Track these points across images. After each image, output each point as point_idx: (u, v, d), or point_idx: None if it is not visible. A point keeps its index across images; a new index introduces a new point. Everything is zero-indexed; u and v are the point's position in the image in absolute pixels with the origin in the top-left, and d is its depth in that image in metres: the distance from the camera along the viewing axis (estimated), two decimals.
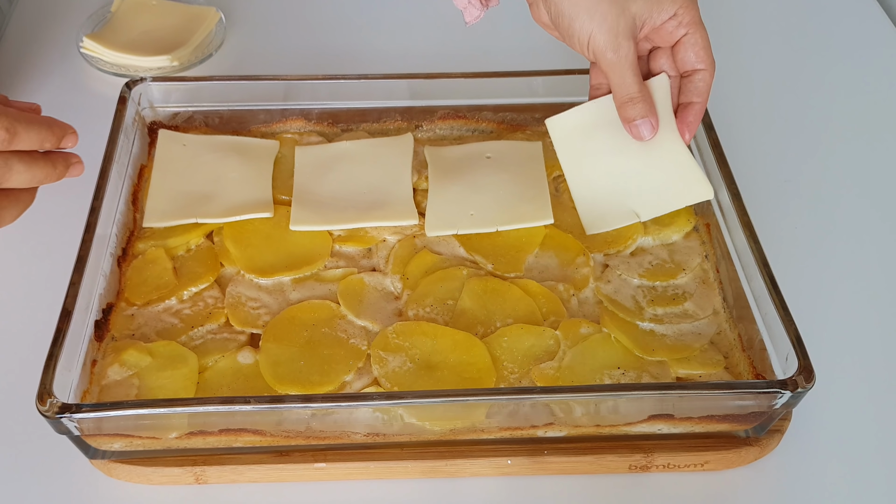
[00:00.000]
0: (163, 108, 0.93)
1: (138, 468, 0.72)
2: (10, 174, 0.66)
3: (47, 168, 0.68)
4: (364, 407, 0.69)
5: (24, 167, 0.67)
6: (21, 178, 0.67)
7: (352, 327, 0.78)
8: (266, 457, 0.73)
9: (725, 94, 1.03)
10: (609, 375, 0.74)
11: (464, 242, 0.84)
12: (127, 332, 0.78)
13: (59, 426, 0.67)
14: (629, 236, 0.84)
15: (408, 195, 0.87)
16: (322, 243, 0.84)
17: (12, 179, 0.66)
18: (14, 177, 0.66)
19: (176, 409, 0.68)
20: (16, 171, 0.66)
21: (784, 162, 1.00)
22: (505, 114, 0.95)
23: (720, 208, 0.83)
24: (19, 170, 0.66)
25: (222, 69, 1.08)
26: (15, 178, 0.67)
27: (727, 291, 0.81)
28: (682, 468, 0.74)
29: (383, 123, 0.95)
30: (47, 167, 0.68)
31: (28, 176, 0.67)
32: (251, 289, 0.81)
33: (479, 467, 0.74)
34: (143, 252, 0.83)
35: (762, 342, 0.74)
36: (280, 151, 0.92)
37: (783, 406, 0.70)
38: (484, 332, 0.78)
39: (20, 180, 0.67)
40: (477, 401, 0.70)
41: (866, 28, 1.17)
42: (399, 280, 0.82)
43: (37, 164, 0.68)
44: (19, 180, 0.67)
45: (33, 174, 0.67)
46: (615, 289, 0.81)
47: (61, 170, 0.70)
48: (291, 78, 0.93)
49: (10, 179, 0.66)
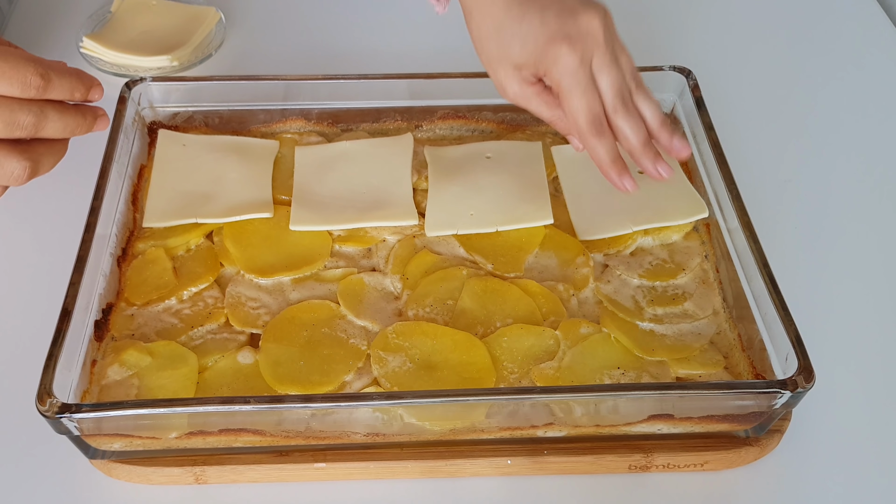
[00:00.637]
0: (163, 108, 0.93)
1: (138, 468, 0.72)
2: (45, 122, 0.69)
3: (78, 118, 0.72)
4: (364, 407, 0.69)
5: (57, 115, 0.70)
6: (55, 127, 0.70)
7: (352, 327, 0.78)
8: (266, 457, 0.73)
9: (725, 95, 1.03)
10: (609, 375, 0.74)
11: (464, 242, 0.84)
12: (127, 332, 0.78)
13: (59, 426, 0.67)
14: (629, 236, 0.84)
15: (408, 195, 0.87)
16: (322, 243, 0.84)
17: (48, 127, 0.70)
18: (49, 125, 0.70)
19: (176, 409, 0.68)
20: (51, 119, 0.69)
21: (784, 162, 1.00)
22: (505, 114, 0.95)
23: (720, 208, 0.83)
24: (54, 118, 0.70)
25: (222, 69, 1.08)
26: (50, 126, 0.70)
27: (727, 291, 0.81)
28: (682, 468, 0.74)
29: (383, 123, 0.95)
30: (78, 117, 0.72)
31: (61, 124, 0.70)
32: (251, 289, 0.81)
33: (479, 467, 0.74)
34: (143, 252, 0.83)
35: (762, 342, 0.74)
36: (280, 151, 0.92)
37: (783, 406, 0.70)
38: (484, 332, 0.78)
39: (55, 128, 0.70)
40: (477, 401, 0.70)
41: (866, 28, 1.17)
42: (399, 280, 0.82)
43: (69, 113, 0.71)
44: (54, 128, 0.70)
45: (66, 123, 0.70)
46: (615, 289, 0.81)
47: (90, 121, 0.73)
48: (291, 78, 0.93)
49: (46, 127, 0.69)
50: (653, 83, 0.93)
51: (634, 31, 1.14)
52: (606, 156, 0.77)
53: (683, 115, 0.92)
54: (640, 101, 0.78)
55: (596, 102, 0.75)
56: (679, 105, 0.93)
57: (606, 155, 0.77)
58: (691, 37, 1.15)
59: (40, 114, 0.69)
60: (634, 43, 1.12)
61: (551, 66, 0.75)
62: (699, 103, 0.90)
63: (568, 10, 0.75)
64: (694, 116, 0.90)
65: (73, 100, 0.71)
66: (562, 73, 0.74)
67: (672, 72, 0.93)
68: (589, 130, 0.76)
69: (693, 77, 0.92)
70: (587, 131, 0.76)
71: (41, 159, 0.71)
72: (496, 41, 0.77)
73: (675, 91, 0.94)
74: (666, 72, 0.93)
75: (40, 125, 0.69)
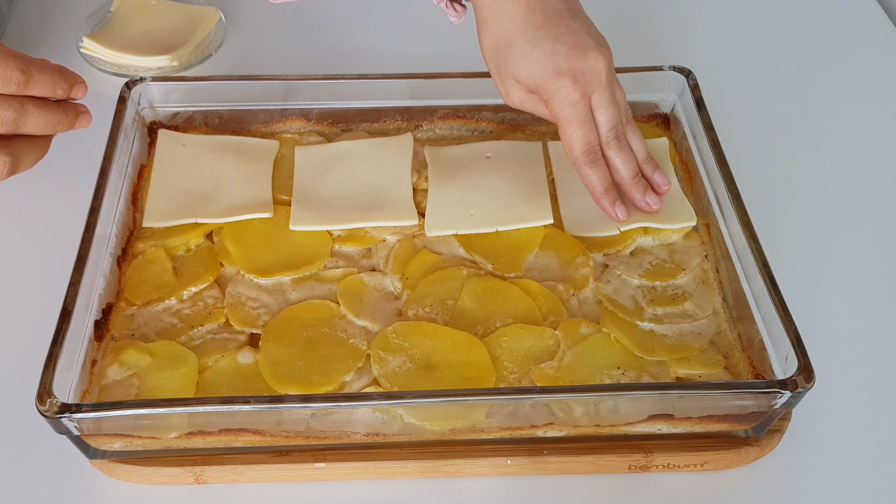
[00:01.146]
0: (163, 108, 0.93)
1: (138, 468, 0.72)
2: (26, 117, 0.69)
3: (59, 114, 0.72)
4: (364, 407, 0.69)
5: (38, 111, 0.70)
6: (36, 123, 0.70)
7: (352, 327, 0.78)
8: (266, 457, 0.73)
9: (725, 95, 1.03)
10: (609, 375, 0.74)
11: (464, 242, 0.84)
12: (127, 332, 0.78)
13: (59, 426, 0.67)
14: (629, 236, 0.84)
15: (408, 195, 0.87)
16: (322, 243, 0.84)
17: (28, 123, 0.70)
18: (30, 120, 0.70)
19: (176, 409, 0.68)
20: (31, 115, 0.70)
21: (784, 162, 1.00)
22: (505, 114, 0.95)
23: (720, 208, 0.83)
24: (35, 114, 0.70)
25: (222, 69, 1.08)
26: (31, 122, 0.70)
27: (727, 291, 0.81)
28: (682, 468, 0.74)
29: (383, 123, 0.95)
30: (59, 114, 0.72)
31: (42, 120, 0.71)
32: (251, 289, 0.81)
33: (479, 467, 0.74)
34: (142, 252, 0.83)
35: (762, 342, 0.74)
36: (280, 151, 0.92)
37: (783, 406, 0.70)
38: (484, 332, 0.78)
39: (36, 124, 0.70)
40: (477, 401, 0.70)
41: (866, 28, 1.17)
42: (399, 280, 0.82)
43: (50, 110, 0.71)
44: (35, 124, 0.70)
45: (47, 119, 0.71)
46: (615, 289, 0.81)
47: (72, 117, 0.73)
48: (291, 78, 0.93)
49: (27, 123, 0.70)
50: (653, 83, 0.94)
51: (635, 31, 1.15)
52: (600, 185, 0.82)
53: (683, 115, 0.92)
54: (630, 137, 0.83)
55: (592, 134, 0.80)
56: (679, 105, 0.93)
57: (600, 184, 0.82)
58: (691, 37, 1.15)
59: (20, 109, 0.69)
60: (635, 43, 1.13)
61: (553, 96, 0.79)
62: (699, 103, 0.90)
63: (578, 47, 0.78)
64: (694, 116, 0.89)
65: (55, 97, 0.71)
66: (562, 104, 0.79)
67: (672, 72, 0.93)
68: (583, 160, 0.81)
69: (693, 77, 0.92)
70: (581, 160, 0.81)
71: (22, 155, 0.71)
72: (506, 57, 0.79)
73: (675, 91, 0.94)
74: (666, 72, 0.93)
75: (21, 121, 0.69)
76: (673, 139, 0.93)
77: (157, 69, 1.06)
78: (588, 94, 0.79)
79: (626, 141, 0.82)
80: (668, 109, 0.95)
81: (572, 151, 0.81)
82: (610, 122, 0.80)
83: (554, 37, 0.78)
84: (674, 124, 0.94)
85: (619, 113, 0.81)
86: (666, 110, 0.95)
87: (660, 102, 0.95)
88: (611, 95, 0.80)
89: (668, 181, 0.85)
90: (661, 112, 0.95)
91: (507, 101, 0.83)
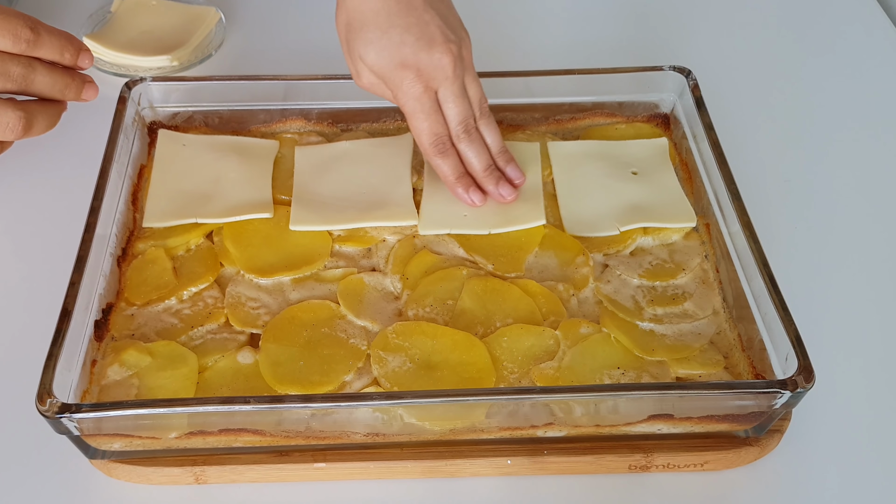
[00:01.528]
0: (163, 108, 0.93)
1: (138, 468, 0.72)
2: (35, 75, 0.71)
3: (66, 78, 0.74)
4: (364, 407, 0.69)
5: (46, 71, 0.72)
6: (45, 82, 0.72)
7: (352, 327, 0.78)
8: (266, 457, 0.73)
9: (725, 95, 1.03)
10: (609, 375, 0.74)
11: (463, 242, 0.84)
12: (127, 332, 0.78)
13: (59, 426, 0.67)
14: (629, 236, 0.84)
15: (408, 195, 0.87)
16: (322, 243, 0.84)
17: (37, 81, 0.72)
18: (39, 78, 0.72)
19: (176, 409, 0.68)
20: (40, 73, 0.72)
21: (784, 162, 1.00)
22: (504, 114, 0.95)
23: (720, 208, 0.83)
24: (43, 72, 0.72)
25: (222, 69, 1.08)
26: (40, 80, 0.72)
27: (727, 291, 0.81)
28: (682, 468, 0.74)
29: (383, 123, 0.95)
30: (66, 77, 0.74)
31: (50, 80, 0.73)
32: (251, 289, 0.81)
33: (479, 467, 0.74)
34: (142, 252, 0.83)
35: (762, 342, 0.74)
36: (280, 151, 0.92)
37: (783, 406, 0.70)
38: (484, 332, 0.78)
39: (44, 83, 0.72)
40: (477, 401, 0.70)
41: (866, 28, 1.17)
42: (399, 280, 0.82)
43: (58, 72, 0.73)
44: (44, 83, 0.72)
45: (55, 80, 0.73)
46: (615, 289, 0.81)
47: (79, 83, 0.75)
48: (291, 78, 0.93)
49: (35, 81, 0.72)
50: (653, 83, 0.94)
51: (635, 32, 1.15)
52: (451, 174, 0.83)
53: (683, 115, 0.92)
54: (483, 129, 0.84)
55: (438, 125, 0.81)
56: (679, 105, 0.93)
57: (451, 173, 0.83)
58: (691, 37, 1.15)
59: (29, 66, 0.71)
60: (635, 43, 1.13)
61: (397, 88, 0.80)
62: (699, 103, 0.90)
63: (426, 40, 0.78)
64: (694, 116, 0.89)
65: (62, 61, 0.73)
66: (406, 96, 0.80)
67: (672, 72, 0.93)
68: (432, 151, 0.82)
69: (693, 77, 0.92)
70: (430, 151, 0.83)
71: (35, 115, 0.73)
72: (356, 38, 0.80)
73: (675, 91, 0.94)
74: (666, 72, 0.93)
75: (30, 78, 0.71)
76: (673, 139, 0.93)
77: (157, 69, 1.06)
78: (433, 87, 0.80)
79: (477, 134, 0.83)
80: (669, 109, 0.95)
81: (421, 143, 0.82)
82: (458, 116, 0.81)
83: (404, 27, 0.78)
84: (674, 124, 0.94)
85: (468, 107, 0.82)
86: (666, 110, 0.95)
87: (660, 102, 0.95)
88: (459, 90, 0.80)
89: (522, 174, 0.86)
90: (661, 112, 0.95)
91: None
